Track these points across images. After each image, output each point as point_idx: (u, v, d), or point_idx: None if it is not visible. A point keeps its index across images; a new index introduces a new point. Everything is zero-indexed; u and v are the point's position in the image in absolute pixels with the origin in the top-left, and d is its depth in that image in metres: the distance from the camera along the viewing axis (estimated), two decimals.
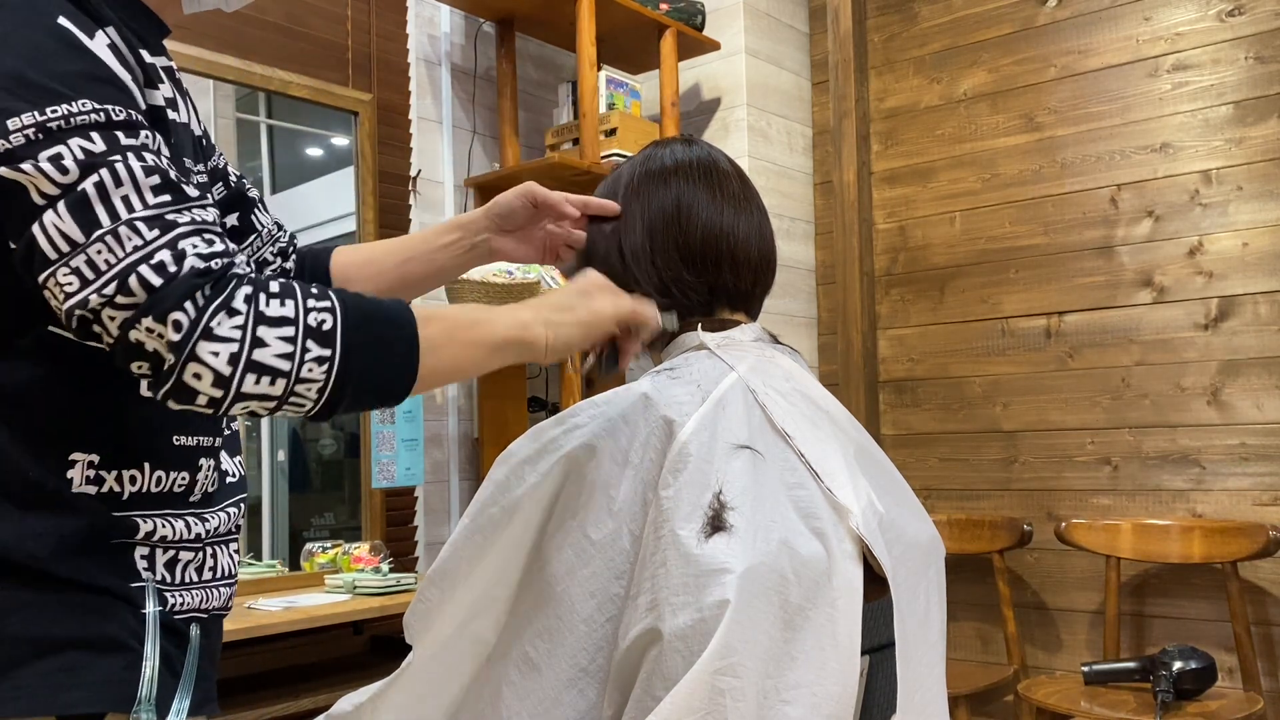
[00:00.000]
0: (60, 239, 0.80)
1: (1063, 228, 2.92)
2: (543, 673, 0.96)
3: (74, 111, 0.80)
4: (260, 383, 0.81)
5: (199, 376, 0.79)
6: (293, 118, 2.63)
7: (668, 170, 1.14)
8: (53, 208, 0.80)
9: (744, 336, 1.12)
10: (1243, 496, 2.63)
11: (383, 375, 0.86)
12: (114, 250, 0.79)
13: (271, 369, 0.81)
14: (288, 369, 0.81)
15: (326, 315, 0.83)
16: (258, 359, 0.80)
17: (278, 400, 0.82)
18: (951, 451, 3.08)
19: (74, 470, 0.88)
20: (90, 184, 0.80)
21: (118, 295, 0.79)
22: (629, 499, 0.97)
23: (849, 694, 0.92)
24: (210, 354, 0.79)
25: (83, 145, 0.80)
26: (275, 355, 0.81)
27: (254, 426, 2.51)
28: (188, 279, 0.79)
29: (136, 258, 0.79)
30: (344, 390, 0.84)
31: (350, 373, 0.84)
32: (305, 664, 2.39)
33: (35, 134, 0.79)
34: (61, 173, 0.79)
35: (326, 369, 0.83)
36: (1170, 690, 2.31)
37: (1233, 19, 2.69)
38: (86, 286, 0.79)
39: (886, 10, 3.27)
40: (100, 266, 0.79)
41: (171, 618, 0.93)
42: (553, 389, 3.12)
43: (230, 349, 0.79)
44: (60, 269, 0.80)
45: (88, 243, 0.79)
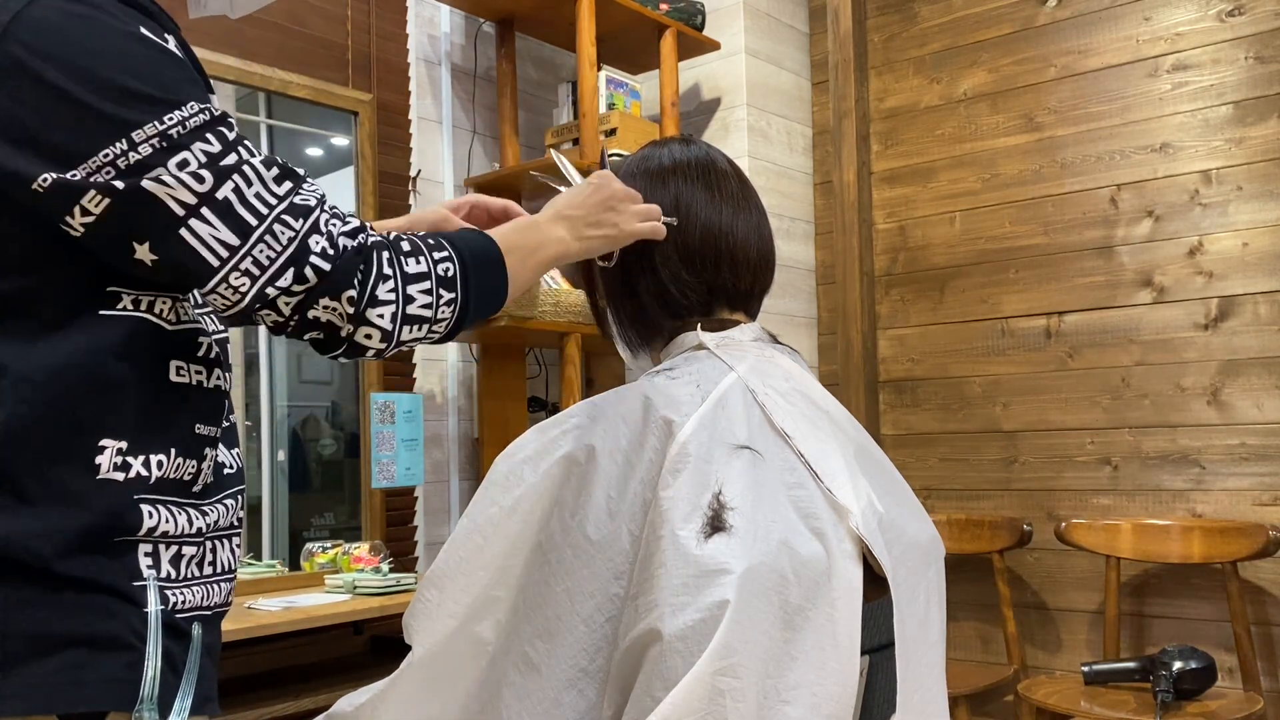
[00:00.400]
0: (220, 246, 0.87)
1: (1063, 228, 2.92)
2: (542, 673, 0.96)
3: (186, 116, 0.86)
4: (411, 330, 0.95)
5: (369, 336, 0.93)
6: (293, 118, 2.63)
7: (666, 170, 1.14)
8: (196, 216, 0.86)
9: (743, 336, 1.12)
10: (1243, 496, 2.63)
11: (489, 304, 1.02)
12: (273, 246, 0.88)
13: (418, 318, 0.95)
14: (428, 315, 0.96)
15: (449, 264, 0.97)
16: (410, 312, 0.94)
17: (420, 338, 0.97)
18: (951, 451, 3.08)
19: (103, 456, 0.89)
20: (228, 189, 0.87)
21: (294, 284, 0.89)
22: (629, 499, 0.97)
23: (849, 694, 0.92)
24: (377, 317, 0.92)
25: (204, 149, 0.87)
26: (420, 306, 0.95)
27: (254, 426, 2.51)
28: (349, 258, 0.91)
29: (296, 248, 0.89)
30: (463, 322, 1.00)
31: (469, 309, 0.99)
32: (305, 664, 2.39)
33: (160, 143, 0.85)
34: (197, 181, 0.86)
35: (453, 310, 0.98)
36: (1170, 690, 2.31)
37: (1233, 19, 2.69)
38: (258, 282, 0.88)
39: (886, 10, 3.27)
40: (264, 263, 0.88)
41: (174, 616, 0.93)
42: (553, 389, 3.12)
43: (390, 309, 0.93)
44: (231, 273, 0.88)
45: (248, 245, 0.87)
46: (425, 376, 2.79)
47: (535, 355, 3.08)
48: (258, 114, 2.56)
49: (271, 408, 2.55)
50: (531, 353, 3.04)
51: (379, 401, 2.53)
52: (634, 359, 1.20)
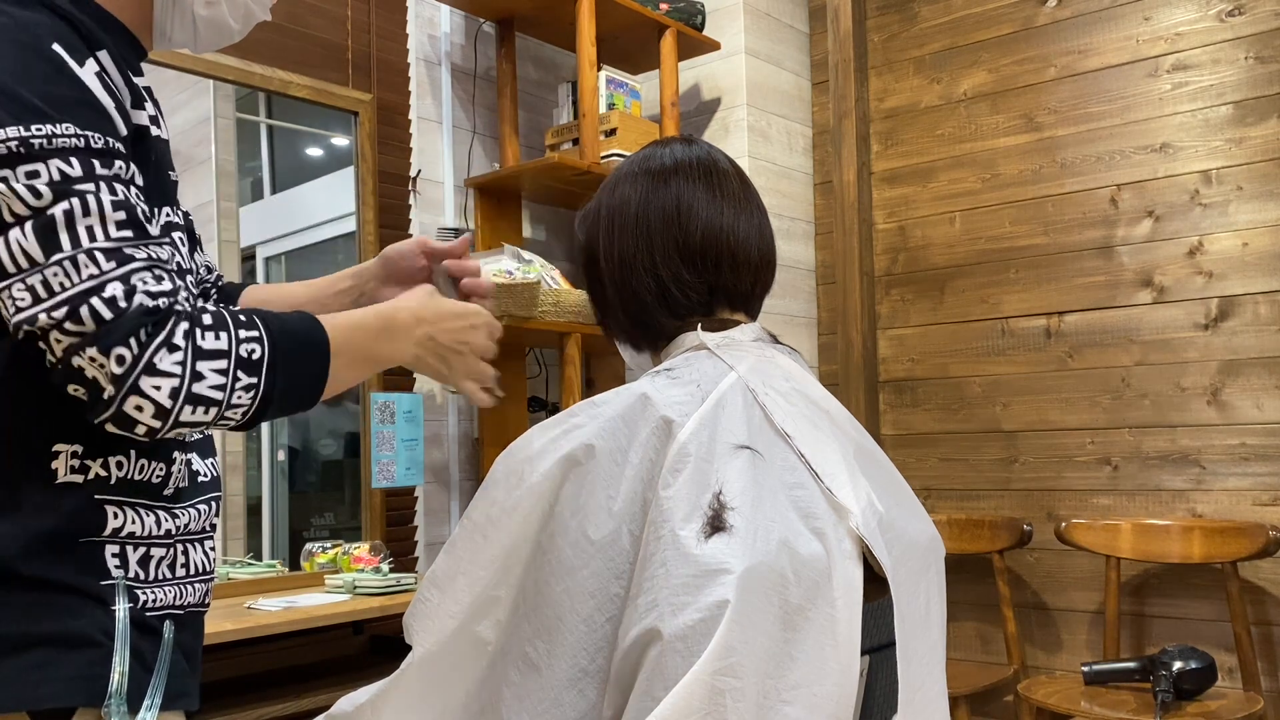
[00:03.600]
0: (20, 255, 0.83)
1: (1063, 228, 2.92)
2: (542, 673, 0.96)
3: (57, 133, 0.84)
4: (195, 412, 0.87)
5: (140, 408, 0.85)
6: (293, 118, 2.63)
7: (667, 170, 1.14)
8: (19, 226, 0.83)
9: (744, 336, 1.12)
10: (1243, 496, 2.63)
11: (298, 398, 0.95)
12: (70, 275, 0.84)
13: (206, 399, 0.88)
14: (220, 398, 0.88)
15: (256, 345, 0.90)
16: (196, 391, 0.87)
17: (208, 424, 0.90)
18: (951, 451, 3.08)
19: (58, 461, 0.90)
20: (60, 210, 0.84)
21: (66, 321, 0.83)
22: (629, 499, 0.97)
23: (849, 694, 0.92)
24: (153, 388, 0.85)
25: (60, 168, 0.84)
26: (210, 387, 0.88)
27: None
28: (135, 316, 0.84)
29: (89, 286, 0.84)
30: (265, 413, 0.93)
31: (272, 397, 0.92)
32: (305, 664, 2.39)
33: (18, 148, 0.83)
34: (35, 196, 0.83)
35: (252, 395, 0.90)
36: (1170, 690, 2.31)
37: (1233, 19, 2.69)
38: (37, 305, 0.84)
39: (886, 10, 3.27)
40: (54, 288, 0.83)
41: (143, 614, 0.94)
42: (553, 389, 3.12)
43: (172, 384, 0.85)
44: (15, 284, 0.84)
45: (46, 264, 0.83)
46: (425, 377, 2.79)
47: (535, 355, 3.08)
48: (258, 114, 2.56)
49: None
50: (531, 353, 3.04)
51: (379, 401, 2.53)
52: (635, 359, 1.20)
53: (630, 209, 1.14)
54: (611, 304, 1.17)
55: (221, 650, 2.20)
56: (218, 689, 2.11)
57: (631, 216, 1.13)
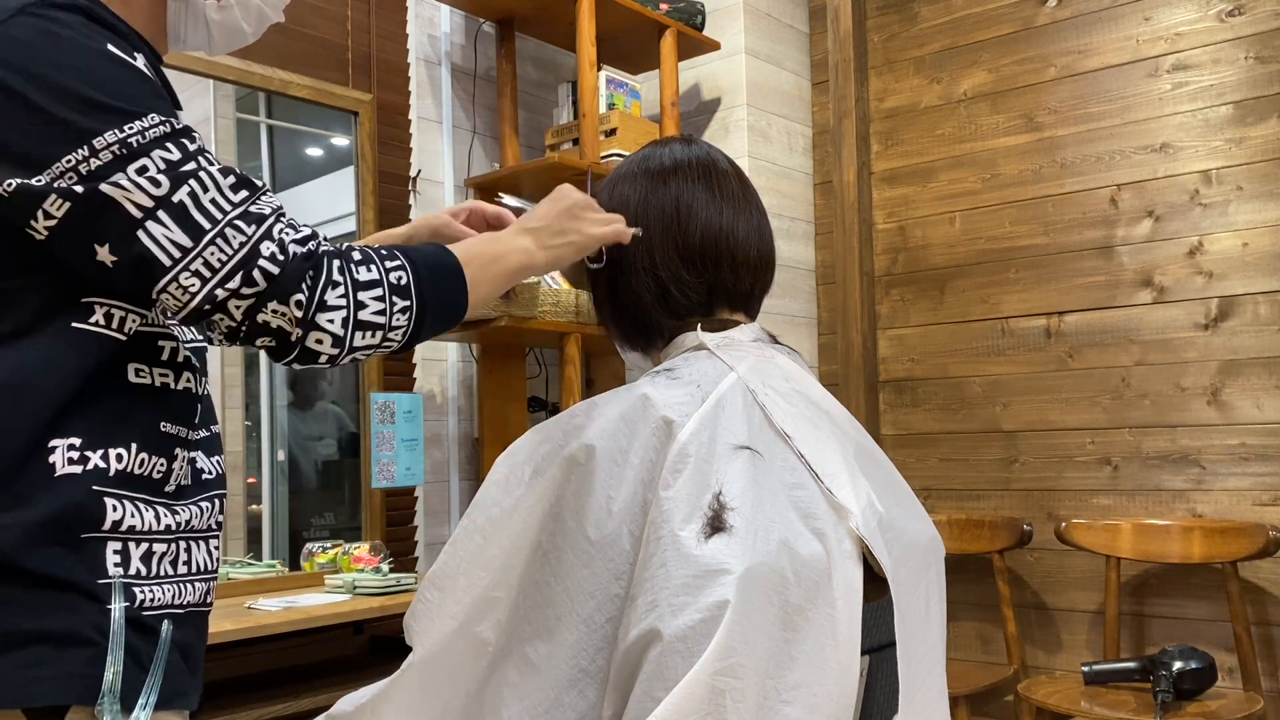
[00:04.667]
0: (172, 247, 0.89)
1: (1063, 228, 2.92)
2: (542, 673, 0.96)
3: (147, 126, 0.90)
4: (364, 336, 0.96)
5: (320, 341, 0.94)
6: (293, 118, 2.63)
7: (667, 170, 1.14)
8: (153, 219, 0.89)
9: (743, 337, 1.12)
10: (1243, 496, 2.63)
11: (448, 313, 1.03)
12: (224, 249, 0.90)
13: (371, 324, 0.96)
14: (382, 322, 0.97)
15: (401, 272, 0.98)
16: (361, 318, 0.95)
17: (375, 346, 0.98)
18: (951, 451, 3.08)
19: (55, 455, 0.91)
20: (184, 194, 0.90)
21: (243, 287, 0.91)
22: (629, 500, 0.97)
23: (849, 694, 0.92)
24: (327, 322, 0.93)
25: (163, 156, 0.90)
26: (372, 313, 0.96)
27: (254, 426, 2.51)
28: (298, 263, 0.92)
29: (246, 252, 0.91)
30: (421, 330, 1.01)
31: (425, 316, 1.00)
32: (305, 664, 2.39)
33: (120, 149, 0.88)
34: (155, 185, 0.89)
35: (408, 317, 0.99)
36: (1170, 690, 2.31)
37: (1233, 19, 2.69)
38: (208, 284, 0.90)
39: (886, 10, 3.27)
40: (215, 265, 0.90)
41: (140, 613, 0.95)
42: (553, 389, 3.12)
43: (341, 314, 0.94)
44: (181, 273, 0.90)
45: (200, 247, 0.90)
46: (425, 376, 2.79)
47: (535, 355, 3.08)
48: (258, 114, 2.56)
49: (271, 407, 2.55)
50: (531, 353, 3.04)
51: (379, 401, 2.53)
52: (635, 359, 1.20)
53: (630, 209, 1.14)
54: (611, 304, 1.17)
55: (221, 650, 2.21)
56: (218, 689, 2.11)
57: (631, 216, 1.14)
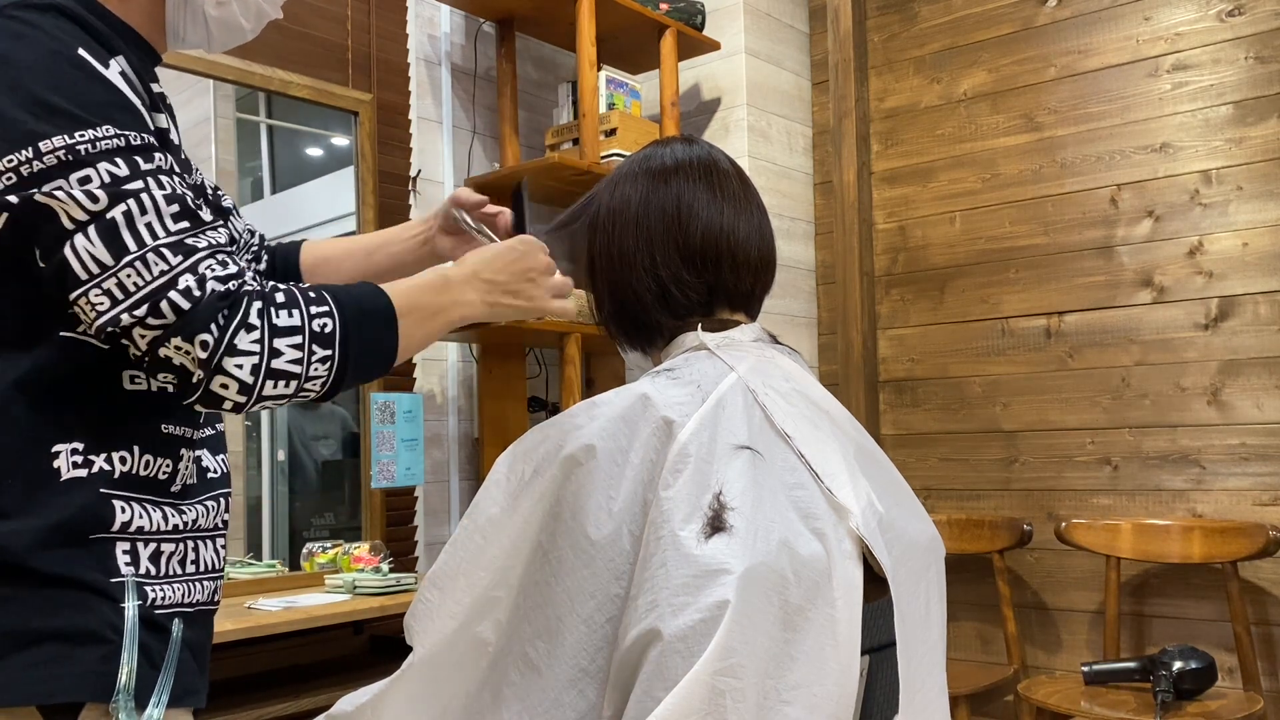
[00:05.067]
0: (91, 262, 0.87)
1: (1063, 228, 2.92)
2: (542, 673, 0.96)
3: (99, 136, 0.87)
4: (276, 386, 0.91)
5: (225, 387, 0.89)
6: (293, 118, 2.63)
7: (668, 169, 1.14)
8: (83, 232, 0.87)
9: (744, 337, 1.12)
10: (1243, 496, 2.63)
11: (372, 365, 0.98)
12: (142, 274, 0.87)
13: (286, 374, 0.91)
14: (298, 371, 0.92)
15: (327, 319, 0.94)
16: (275, 367, 0.91)
17: (290, 396, 0.93)
18: (951, 451, 3.08)
19: (59, 460, 0.92)
20: (118, 212, 0.87)
21: (149, 317, 0.87)
22: (629, 499, 0.97)
23: (849, 694, 0.92)
24: (235, 367, 0.89)
25: (109, 170, 0.87)
26: (288, 361, 0.91)
27: (254, 427, 2.50)
28: (211, 302, 0.88)
29: (163, 282, 0.87)
30: (342, 381, 0.96)
31: (347, 367, 0.95)
32: (305, 664, 2.39)
33: (65, 156, 0.86)
34: (91, 200, 0.86)
35: (329, 367, 0.94)
36: (1170, 690, 2.31)
37: (1233, 19, 2.69)
38: (117, 306, 0.87)
39: (886, 10, 3.27)
40: (129, 289, 0.87)
41: (152, 612, 0.95)
42: (553, 389, 3.12)
43: (252, 361, 0.89)
44: (92, 289, 0.87)
45: (118, 267, 0.87)
46: (425, 376, 2.79)
47: (535, 355, 3.08)
48: (258, 114, 2.56)
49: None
50: (531, 353, 3.04)
51: (379, 401, 2.53)
52: (635, 358, 1.20)
53: (630, 209, 1.14)
54: (612, 304, 1.17)
55: (221, 650, 2.20)
56: (218, 689, 2.11)
57: (632, 216, 1.13)
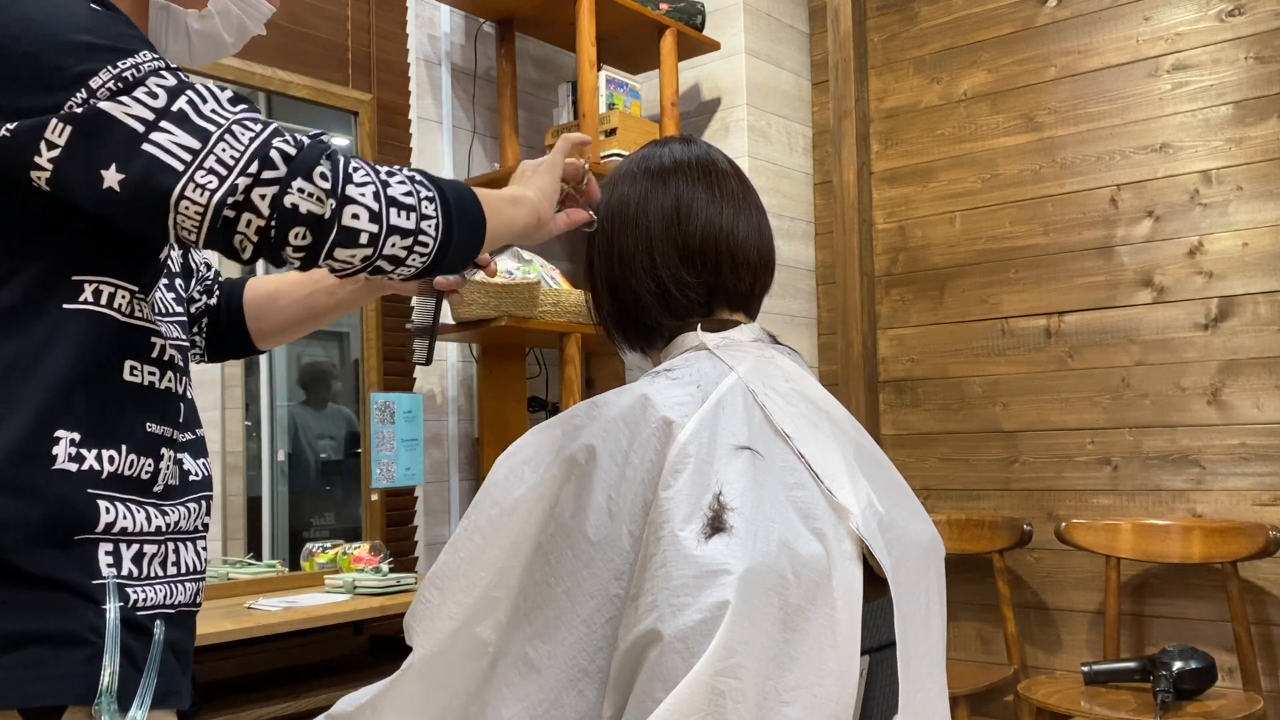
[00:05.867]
0: (180, 150, 0.86)
1: (1063, 228, 2.92)
2: (542, 673, 0.96)
3: (140, 61, 0.88)
4: (399, 215, 0.91)
5: (357, 216, 0.89)
6: (293, 118, 2.63)
7: (667, 169, 1.14)
8: (156, 129, 0.87)
9: (743, 337, 1.12)
10: (1243, 496, 2.63)
11: (470, 222, 0.98)
12: (235, 145, 0.87)
13: (403, 203, 0.92)
14: (413, 203, 0.92)
15: (414, 173, 0.95)
16: (392, 195, 0.91)
17: (413, 234, 0.92)
18: (951, 451, 3.08)
19: (58, 447, 0.91)
20: (184, 102, 0.88)
21: (263, 171, 0.87)
22: (629, 500, 0.97)
23: (849, 694, 0.92)
24: (359, 193, 0.89)
25: (159, 82, 0.88)
26: (402, 192, 0.92)
27: (254, 427, 2.50)
28: (312, 144, 0.89)
29: (260, 142, 0.88)
30: (450, 230, 0.95)
31: (450, 213, 0.95)
32: (305, 664, 2.39)
33: (115, 84, 0.86)
34: (153, 98, 0.87)
35: (436, 206, 0.94)
36: (1170, 690, 2.31)
37: (1233, 19, 2.69)
38: (229, 175, 0.86)
39: (886, 10, 3.27)
40: (229, 161, 0.86)
41: (134, 613, 0.95)
42: (553, 389, 3.12)
43: (371, 188, 0.90)
44: (197, 173, 0.86)
45: (209, 145, 0.87)
46: (425, 376, 2.79)
47: (535, 355, 3.08)
48: None
49: (271, 407, 2.55)
50: (531, 353, 3.04)
51: (379, 401, 2.53)
52: (634, 359, 1.20)
53: (629, 209, 1.14)
54: (611, 304, 1.17)
55: (221, 650, 2.20)
56: (218, 689, 2.11)
57: (631, 216, 1.13)
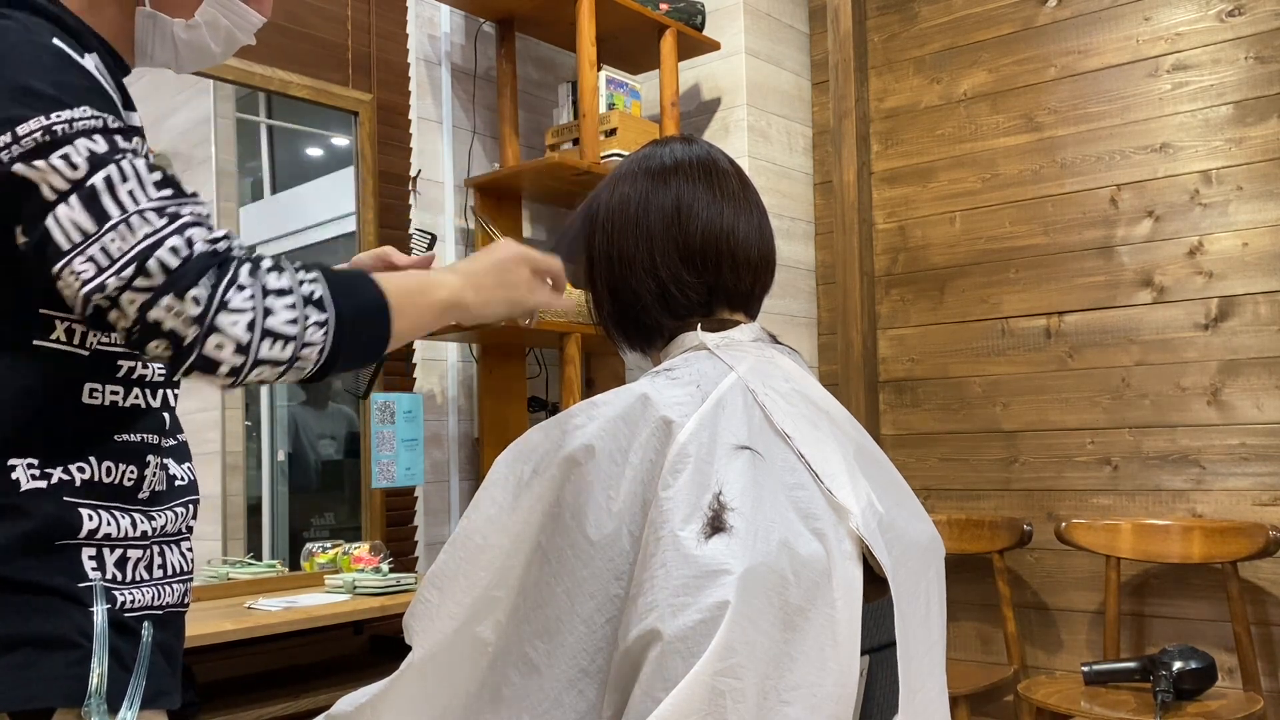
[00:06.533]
0: (73, 229, 0.85)
1: (1063, 228, 2.92)
2: (542, 673, 0.96)
3: (76, 117, 0.87)
4: (273, 347, 0.87)
5: (221, 346, 0.86)
6: (293, 118, 2.63)
7: (667, 169, 1.14)
8: (64, 201, 0.86)
9: (743, 336, 1.12)
10: (1243, 496, 2.63)
11: (367, 336, 0.94)
12: (126, 238, 0.85)
13: (281, 334, 0.88)
14: (294, 333, 0.88)
15: (316, 285, 0.91)
16: (270, 326, 0.87)
17: (285, 365, 0.89)
18: (951, 451, 3.08)
19: (16, 473, 0.92)
20: (99, 179, 0.86)
21: (137, 278, 0.84)
22: (628, 500, 0.97)
23: (849, 694, 0.92)
24: (230, 324, 0.85)
25: (89, 146, 0.86)
26: (284, 321, 0.88)
27: (254, 426, 2.50)
28: (200, 259, 0.86)
29: (150, 243, 0.85)
30: (338, 352, 0.92)
31: (343, 336, 0.91)
32: (305, 664, 2.39)
33: (43, 137, 0.85)
34: (71, 168, 0.85)
35: (325, 332, 0.90)
36: (1170, 690, 2.31)
37: (1233, 19, 2.69)
38: (103, 272, 0.85)
39: (886, 10, 3.27)
40: (113, 254, 0.84)
41: (122, 615, 0.95)
42: (553, 389, 3.12)
43: (246, 318, 0.86)
44: (76, 258, 0.85)
45: (100, 232, 0.85)
46: (425, 376, 2.79)
47: (535, 355, 3.08)
48: (258, 114, 2.56)
49: (271, 408, 2.55)
50: (531, 353, 3.04)
51: (379, 401, 2.53)
52: (634, 359, 1.20)
53: (630, 209, 1.14)
54: (611, 304, 1.17)
55: (221, 650, 2.20)
56: (218, 689, 2.11)
57: (631, 216, 1.13)
